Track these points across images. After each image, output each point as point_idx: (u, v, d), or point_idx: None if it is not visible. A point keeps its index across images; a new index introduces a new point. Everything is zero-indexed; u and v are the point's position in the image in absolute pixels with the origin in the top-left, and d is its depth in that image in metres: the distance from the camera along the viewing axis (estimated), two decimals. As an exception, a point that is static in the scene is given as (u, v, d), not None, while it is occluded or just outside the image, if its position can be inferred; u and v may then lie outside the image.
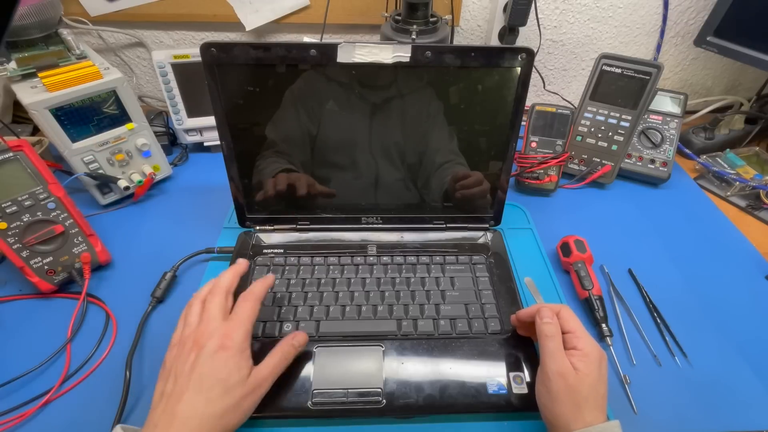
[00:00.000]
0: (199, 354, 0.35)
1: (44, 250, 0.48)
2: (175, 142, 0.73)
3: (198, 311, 0.39)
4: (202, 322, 0.37)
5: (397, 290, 0.49)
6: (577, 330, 0.39)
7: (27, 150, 0.47)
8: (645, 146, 0.69)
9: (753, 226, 0.64)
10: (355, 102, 0.47)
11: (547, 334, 0.39)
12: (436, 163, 0.52)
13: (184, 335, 0.37)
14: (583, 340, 0.38)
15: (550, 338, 0.38)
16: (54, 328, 0.47)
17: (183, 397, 0.33)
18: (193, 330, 0.37)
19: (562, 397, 0.36)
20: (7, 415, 0.40)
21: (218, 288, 0.40)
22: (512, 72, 0.46)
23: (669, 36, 0.82)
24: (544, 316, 0.40)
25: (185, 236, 0.58)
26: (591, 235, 0.56)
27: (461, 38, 0.82)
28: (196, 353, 0.35)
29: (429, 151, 0.51)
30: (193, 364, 0.35)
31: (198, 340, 0.36)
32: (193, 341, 0.36)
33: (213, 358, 0.35)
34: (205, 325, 0.37)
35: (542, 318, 0.40)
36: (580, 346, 0.38)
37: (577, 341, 0.38)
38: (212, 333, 0.36)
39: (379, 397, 0.40)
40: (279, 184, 0.52)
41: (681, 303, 0.52)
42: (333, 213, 0.55)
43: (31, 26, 0.55)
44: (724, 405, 0.43)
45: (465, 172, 0.52)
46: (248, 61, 0.44)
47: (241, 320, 0.38)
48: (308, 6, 0.75)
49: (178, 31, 0.80)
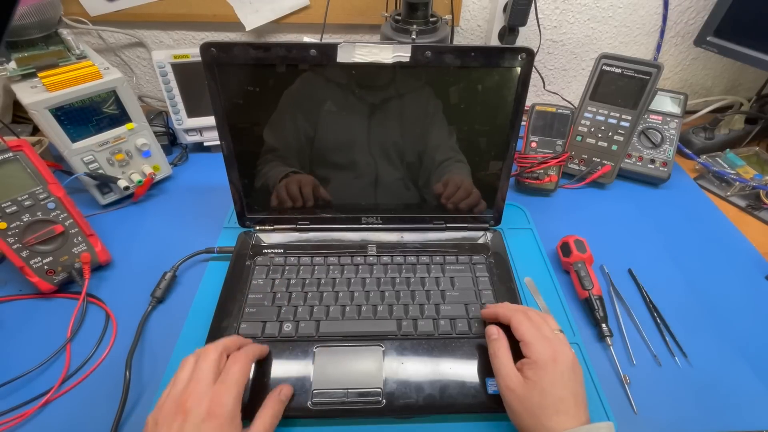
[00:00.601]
0: (185, 421, 0.32)
1: (44, 250, 0.48)
2: (175, 142, 0.73)
3: (191, 369, 0.35)
4: (191, 382, 0.34)
5: (397, 290, 0.49)
6: (525, 336, 0.38)
7: (27, 150, 0.47)
8: (645, 146, 0.69)
9: (753, 226, 0.64)
10: (356, 102, 0.47)
11: (491, 353, 0.40)
12: (436, 160, 0.52)
13: (171, 395, 0.34)
14: (532, 347, 0.38)
15: (494, 356, 0.39)
16: (54, 328, 0.47)
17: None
18: (180, 391, 0.34)
19: (518, 409, 0.36)
20: (7, 415, 0.40)
21: (214, 346, 0.37)
22: (512, 72, 0.46)
23: (669, 36, 0.82)
24: (489, 335, 0.41)
25: (185, 236, 0.58)
26: (591, 235, 0.56)
27: (461, 38, 0.82)
28: (182, 419, 0.32)
29: (429, 150, 0.51)
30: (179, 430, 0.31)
31: (184, 404, 0.32)
32: (179, 405, 0.32)
33: (200, 428, 0.31)
34: (193, 387, 0.33)
35: (488, 337, 0.41)
36: (529, 354, 0.37)
37: (527, 349, 0.38)
38: (201, 397, 0.33)
39: (379, 397, 0.40)
40: (290, 189, 0.52)
41: (681, 303, 0.52)
42: (333, 213, 0.55)
43: (31, 26, 0.55)
44: (724, 405, 0.43)
45: (452, 185, 0.53)
46: (248, 61, 0.44)
47: (231, 383, 0.34)
48: (308, 6, 0.75)
49: (178, 31, 0.80)
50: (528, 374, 0.36)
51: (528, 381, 0.36)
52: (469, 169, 0.52)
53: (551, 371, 0.36)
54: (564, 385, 0.36)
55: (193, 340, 0.45)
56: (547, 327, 0.40)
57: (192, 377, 0.34)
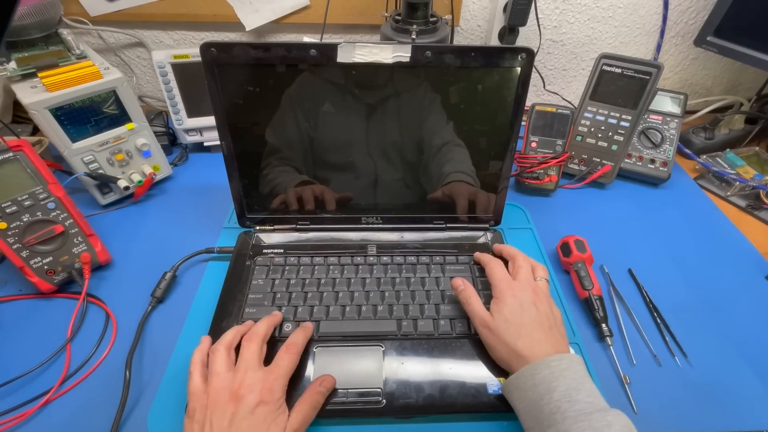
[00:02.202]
0: (237, 408, 0.34)
1: (44, 250, 0.48)
2: (175, 142, 0.73)
3: (224, 359, 0.37)
4: (239, 372, 0.36)
5: (397, 290, 0.49)
6: (492, 280, 0.45)
7: (27, 150, 0.47)
8: (645, 146, 0.69)
9: (753, 226, 0.64)
10: (356, 102, 0.47)
11: (463, 301, 0.45)
12: (434, 146, 0.51)
13: (215, 385, 0.35)
14: (495, 287, 0.44)
15: (466, 303, 0.44)
16: (54, 328, 0.47)
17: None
18: (227, 380, 0.36)
19: (491, 342, 0.41)
20: (7, 415, 0.40)
21: (256, 336, 0.39)
22: (512, 72, 0.46)
23: (669, 36, 0.82)
24: (456, 287, 0.46)
25: (185, 236, 0.58)
26: (591, 235, 0.56)
27: (461, 38, 0.82)
28: (234, 407, 0.34)
29: (428, 148, 0.51)
30: (232, 418, 0.33)
31: (236, 392, 0.35)
32: (231, 393, 0.35)
33: (253, 413, 0.34)
34: (243, 375, 0.36)
35: (455, 289, 0.46)
36: (493, 293, 0.44)
37: (493, 290, 0.44)
38: (252, 385, 0.35)
39: (379, 397, 0.40)
40: (306, 199, 0.53)
41: (681, 303, 0.52)
42: (333, 213, 0.55)
43: (31, 26, 0.55)
44: (724, 405, 0.43)
45: (456, 195, 0.54)
46: (248, 61, 0.44)
47: (282, 373, 0.37)
48: (308, 6, 0.75)
49: (178, 31, 0.80)
50: (493, 309, 0.42)
51: (493, 314, 0.41)
52: (468, 154, 0.51)
53: (510, 303, 0.41)
54: (523, 313, 0.41)
55: (193, 340, 0.45)
56: (525, 273, 0.45)
57: (239, 368, 0.37)
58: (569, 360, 0.37)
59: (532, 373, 0.36)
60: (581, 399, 0.33)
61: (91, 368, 0.44)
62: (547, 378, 0.35)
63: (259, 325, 0.41)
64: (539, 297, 0.42)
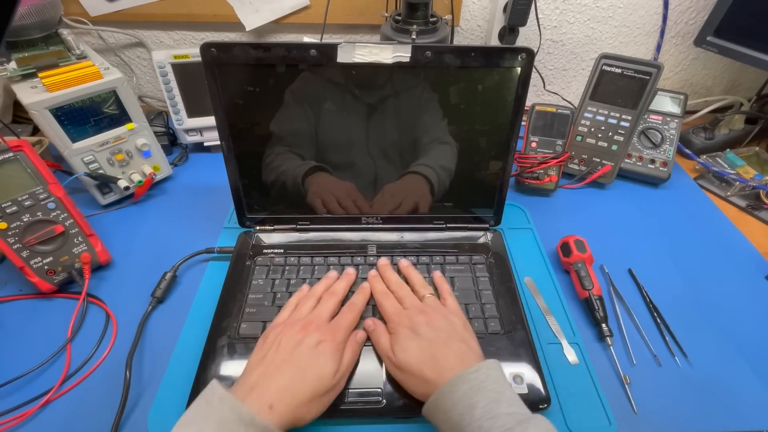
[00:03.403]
0: (305, 337, 0.39)
1: (44, 250, 0.48)
2: (175, 142, 0.73)
3: (311, 306, 0.44)
4: (313, 315, 0.42)
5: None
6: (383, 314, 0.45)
7: (27, 150, 0.47)
8: (645, 146, 0.69)
9: (753, 226, 0.64)
10: (356, 102, 0.47)
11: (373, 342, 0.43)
12: (422, 143, 0.50)
13: (294, 317, 0.42)
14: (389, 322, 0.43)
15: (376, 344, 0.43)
16: (54, 328, 0.47)
17: (282, 369, 0.36)
18: (304, 317, 0.42)
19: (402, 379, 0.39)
20: (7, 415, 0.40)
21: (335, 295, 0.45)
22: (512, 72, 0.46)
23: (669, 36, 0.82)
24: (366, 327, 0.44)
25: (185, 236, 0.58)
26: (591, 235, 0.56)
27: (461, 38, 0.82)
28: (302, 336, 0.39)
29: (419, 143, 0.51)
30: (299, 342, 0.38)
31: (307, 327, 0.40)
32: (303, 325, 0.40)
33: (316, 347, 0.38)
34: (315, 317, 0.42)
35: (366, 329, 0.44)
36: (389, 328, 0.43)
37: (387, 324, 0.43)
38: (320, 327, 0.40)
39: (379, 397, 0.40)
40: (328, 202, 0.54)
41: (681, 303, 0.52)
42: (333, 213, 0.55)
43: (31, 26, 0.55)
44: (724, 405, 0.43)
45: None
46: (248, 61, 0.44)
47: (345, 325, 0.42)
48: (308, 6, 0.75)
49: (178, 31, 0.80)
50: (392, 344, 0.41)
51: (394, 350, 0.40)
52: (452, 152, 0.51)
53: (403, 333, 0.41)
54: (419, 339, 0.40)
55: (193, 340, 0.45)
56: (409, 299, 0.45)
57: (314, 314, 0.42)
58: (486, 369, 0.36)
59: (450, 390, 0.35)
60: (502, 412, 0.32)
61: (91, 368, 0.44)
62: (467, 394, 0.34)
63: (339, 283, 0.47)
64: (430, 316, 0.42)
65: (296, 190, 0.52)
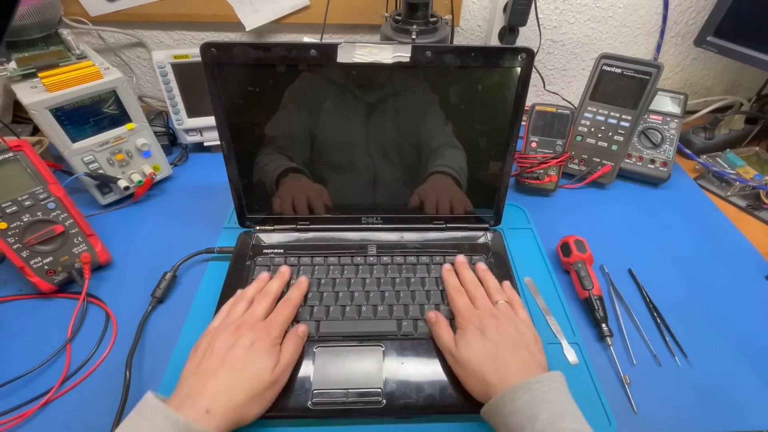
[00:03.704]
0: (238, 339, 0.39)
1: (44, 250, 0.48)
2: (175, 142, 0.73)
3: (243, 309, 0.43)
4: (246, 316, 0.42)
5: (397, 290, 0.49)
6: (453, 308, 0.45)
7: (27, 150, 0.47)
8: (645, 146, 0.69)
9: (753, 226, 0.64)
10: (356, 102, 0.47)
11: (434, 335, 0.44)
12: (432, 147, 0.51)
13: (225, 322, 0.42)
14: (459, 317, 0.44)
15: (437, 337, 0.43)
16: (54, 328, 0.47)
17: (217, 374, 0.36)
18: (236, 320, 0.41)
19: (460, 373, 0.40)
20: (7, 415, 0.40)
21: (268, 295, 0.45)
22: (512, 72, 0.46)
23: (669, 36, 0.82)
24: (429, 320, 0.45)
25: (185, 236, 0.58)
26: (591, 235, 0.56)
27: (461, 38, 0.82)
28: (235, 338, 0.39)
29: (426, 148, 0.51)
30: (232, 345, 0.38)
31: (240, 328, 0.40)
32: (236, 328, 0.40)
33: (251, 346, 0.38)
34: (248, 318, 0.41)
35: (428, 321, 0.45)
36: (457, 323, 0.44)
37: (456, 319, 0.44)
38: (253, 327, 0.40)
39: (379, 397, 0.40)
40: (296, 198, 0.53)
41: (681, 303, 0.52)
42: (333, 213, 0.55)
43: (31, 26, 0.55)
44: (724, 405, 0.43)
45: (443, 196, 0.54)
46: (248, 61, 0.44)
47: (280, 321, 0.42)
48: (308, 6, 0.75)
49: (178, 31, 0.80)
50: (457, 339, 0.41)
51: (458, 344, 0.41)
52: (463, 155, 0.51)
53: (471, 331, 0.41)
54: (486, 340, 0.40)
55: (193, 340, 0.45)
56: (482, 301, 0.45)
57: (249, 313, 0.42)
58: (550, 381, 0.35)
59: (511, 397, 0.34)
60: (566, 427, 0.32)
61: (91, 368, 0.44)
62: (529, 403, 0.33)
63: (272, 282, 0.47)
64: (500, 321, 0.41)
65: (271, 190, 0.53)
